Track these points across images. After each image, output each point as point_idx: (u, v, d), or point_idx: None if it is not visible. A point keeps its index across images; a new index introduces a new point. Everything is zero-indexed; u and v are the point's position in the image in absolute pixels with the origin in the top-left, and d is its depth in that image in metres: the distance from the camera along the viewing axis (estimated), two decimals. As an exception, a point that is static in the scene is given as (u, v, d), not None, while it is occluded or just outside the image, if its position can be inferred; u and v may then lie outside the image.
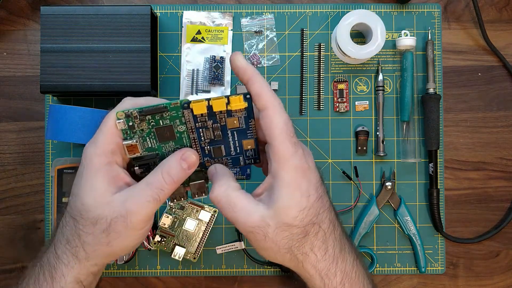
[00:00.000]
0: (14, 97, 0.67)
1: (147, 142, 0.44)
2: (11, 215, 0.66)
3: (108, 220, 0.41)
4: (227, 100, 0.42)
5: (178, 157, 0.43)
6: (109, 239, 0.42)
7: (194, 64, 0.66)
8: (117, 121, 0.43)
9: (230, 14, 0.67)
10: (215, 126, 0.44)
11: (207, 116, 0.43)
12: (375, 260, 0.66)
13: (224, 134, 0.45)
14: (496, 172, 0.67)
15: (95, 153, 0.42)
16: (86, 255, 0.43)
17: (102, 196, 0.41)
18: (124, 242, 0.42)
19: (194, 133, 0.44)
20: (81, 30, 0.61)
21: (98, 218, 0.41)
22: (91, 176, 0.42)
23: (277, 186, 0.41)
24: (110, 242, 0.42)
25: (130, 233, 0.42)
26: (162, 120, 0.43)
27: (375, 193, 0.67)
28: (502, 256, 0.67)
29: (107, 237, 0.42)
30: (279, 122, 0.41)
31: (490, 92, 0.68)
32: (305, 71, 0.67)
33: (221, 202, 0.42)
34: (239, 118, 0.44)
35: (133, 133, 0.44)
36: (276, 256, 0.43)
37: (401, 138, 0.67)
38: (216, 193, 0.42)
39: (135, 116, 0.43)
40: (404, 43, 0.65)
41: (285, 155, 0.41)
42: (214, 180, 0.44)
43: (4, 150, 0.67)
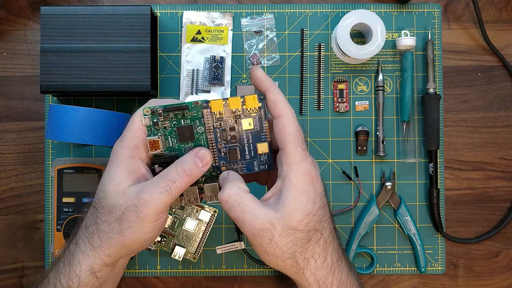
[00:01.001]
0: (14, 97, 0.67)
1: (169, 140, 0.47)
2: (11, 215, 0.66)
3: (122, 209, 0.43)
4: (243, 99, 0.45)
5: (192, 154, 0.45)
6: (122, 228, 0.43)
7: (194, 64, 0.66)
8: (143, 117, 0.46)
9: (230, 14, 0.67)
10: (232, 127, 0.47)
11: (224, 115, 0.46)
12: (375, 260, 0.66)
13: (239, 135, 0.47)
14: (496, 172, 0.67)
15: (120, 146, 0.45)
16: (100, 243, 0.44)
17: (119, 186, 0.44)
18: (136, 232, 0.43)
19: (212, 133, 0.47)
20: (81, 30, 0.61)
21: (113, 206, 0.43)
22: (113, 167, 0.45)
23: (285, 189, 0.43)
24: (122, 232, 0.43)
25: (142, 223, 0.43)
26: (184, 120, 0.46)
27: (375, 193, 0.67)
28: (502, 256, 0.67)
29: (120, 226, 0.43)
30: (292, 129, 0.44)
31: (490, 92, 0.68)
32: (305, 71, 0.67)
33: (231, 201, 0.43)
34: (253, 119, 0.46)
35: (157, 130, 0.46)
36: (278, 262, 0.44)
37: (401, 138, 0.67)
38: (226, 193, 0.44)
39: (160, 113, 0.46)
40: (404, 43, 0.65)
41: (296, 160, 0.43)
42: (224, 183, 0.45)
43: (4, 150, 0.67)
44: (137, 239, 0.44)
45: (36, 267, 0.66)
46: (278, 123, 0.45)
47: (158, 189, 0.43)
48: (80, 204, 0.62)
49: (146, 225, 0.43)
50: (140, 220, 0.43)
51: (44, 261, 0.66)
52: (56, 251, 0.62)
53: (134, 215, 0.43)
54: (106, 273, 0.45)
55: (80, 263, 0.44)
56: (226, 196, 0.44)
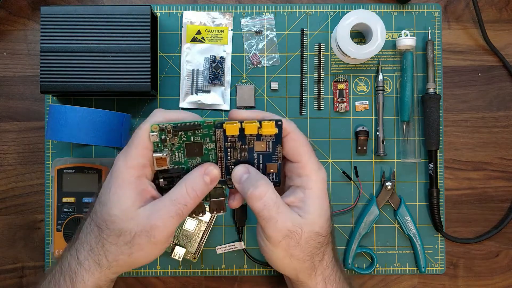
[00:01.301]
0: (14, 97, 0.67)
1: (176, 156, 0.45)
2: (11, 215, 0.66)
3: (132, 233, 0.42)
4: (259, 125, 0.44)
5: (201, 172, 0.45)
6: (132, 251, 0.43)
7: (194, 64, 0.66)
8: (151, 133, 0.44)
9: (230, 14, 0.67)
10: (243, 147, 0.46)
11: (238, 137, 0.45)
12: (375, 260, 0.66)
13: (250, 156, 0.46)
14: (496, 172, 0.67)
15: (125, 166, 0.43)
16: (108, 264, 0.44)
17: (129, 210, 0.42)
18: (146, 254, 0.43)
19: (222, 151, 0.45)
20: (81, 30, 0.61)
21: (123, 231, 0.42)
22: (120, 188, 0.43)
23: (308, 197, 0.45)
24: (133, 254, 0.43)
25: (153, 247, 0.43)
26: (194, 137, 0.45)
27: (375, 193, 0.67)
28: (502, 256, 0.67)
29: (130, 249, 0.43)
30: (305, 141, 0.46)
31: (490, 92, 0.68)
32: (305, 71, 0.67)
33: (267, 200, 0.44)
34: (267, 143, 0.46)
35: (164, 146, 0.45)
36: (295, 266, 0.46)
37: (401, 138, 0.67)
38: (262, 190, 0.44)
39: (169, 130, 0.44)
40: (404, 43, 0.65)
41: (314, 169, 0.46)
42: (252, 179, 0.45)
43: (4, 150, 0.67)
44: (147, 259, 0.44)
45: (36, 267, 0.66)
46: (289, 139, 0.46)
47: (170, 213, 0.42)
48: (80, 204, 0.62)
49: (157, 247, 0.43)
50: (151, 244, 0.42)
51: (44, 261, 0.66)
52: (56, 251, 0.62)
53: (145, 240, 0.42)
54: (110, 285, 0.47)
55: (85, 281, 0.44)
56: (262, 194, 0.44)
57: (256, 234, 0.54)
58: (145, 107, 0.67)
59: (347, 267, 0.65)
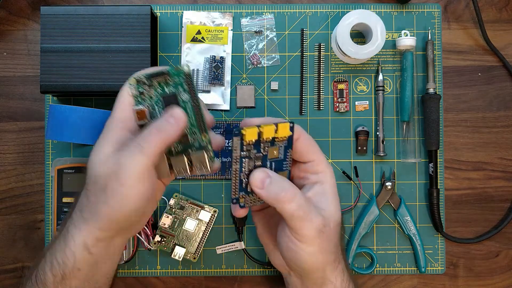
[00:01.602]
0: (14, 97, 0.67)
1: (156, 110, 0.46)
2: (11, 215, 0.66)
3: (105, 177, 0.42)
4: (276, 127, 0.44)
5: (165, 113, 0.45)
6: (106, 197, 0.42)
7: (194, 64, 0.66)
8: (129, 86, 0.45)
9: (230, 14, 0.67)
10: (258, 155, 0.45)
11: (253, 144, 0.45)
12: (375, 260, 0.66)
13: (263, 165, 0.46)
14: (496, 172, 0.67)
15: (109, 120, 0.45)
16: (90, 215, 0.43)
17: (105, 156, 0.43)
18: (119, 201, 0.42)
19: (237, 163, 0.45)
20: (81, 30, 0.61)
21: (98, 176, 0.43)
22: (101, 139, 0.44)
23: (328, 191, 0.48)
24: (107, 201, 0.42)
25: (123, 190, 0.41)
26: (167, 87, 0.45)
27: (375, 193, 0.67)
28: (502, 256, 0.67)
29: (104, 195, 0.42)
30: (313, 141, 0.48)
31: (490, 92, 0.68)
32: (305, 71, 0.67)
33: (300, 200, 0.45)
34: (279, 148, 0.46)
35: (143, 100, 0.46)
36: (327, 259, 0.47)
37: (401, 138, 0.67)
38: (294, 191, 0.45)
39: (144, 82, 0.45)
40: (404, 43, 0.65)
41: (326, 164, 0.49)
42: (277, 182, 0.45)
43: (4, 150, 0.67)
44: (122, 209, 0.42)
45: (36, 267, 0.66)
46: (301, 141, 0.47)
47: (133, 153, 0.42)
48: (80, 204, 0.62)
49: (129, 192, 0.41)
50: (120, 186, 0.41)
51: (44, 261, 0.66)
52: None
53: (115, 182, 0.41)
54: (100, 250, 0.45)
55: (74, 238, 0.44)
56: (293, 195, 0.44)
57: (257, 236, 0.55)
58: (145, 107, 0.67)
59: (347, 267, 0.65)
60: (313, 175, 0.48)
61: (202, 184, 0.66)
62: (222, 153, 0.66)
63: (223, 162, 0.66)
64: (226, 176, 0.66)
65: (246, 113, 0.67)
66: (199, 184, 0.66)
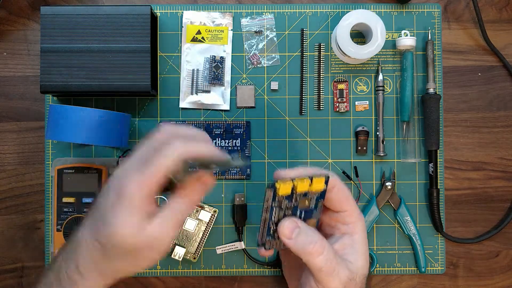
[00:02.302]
0: (14, 97, 0.67)
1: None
2: (11, 215, 0.66)
3: (138, 249, 0.42)
4: (310, 182, 0.44)
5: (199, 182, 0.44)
6: (137, 262, 0.43)
7: (194, 64, 0.66)
8: (173, 165, 0.41)
9: (230, 14, 0.67)
10: (289, 205, 0.45)
11: (285, 197, 0.44)
12: (375, 260, 0.66)
13: (293, 213, 0.46)
14: (496, 172, 0.67)
15: (140, 193, 0.41)
16: (112, 274, 0.44)
17: (135, 229, 0.41)
18: (150, 262, 0.43)
19: (268, 212, 0.45)
20: (81, 30, 0.61)
21: (129, 249, 0.41)
22: (130, 211, 0.41)
23: (357, 243, 0.47)
24: (138, 264, 0.43)
25: (158, 256, 0.43)
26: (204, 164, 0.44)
27: (375, 193, 0.67)
28: (502, 256, 0.67)
29: (135, 261, 0.43)
30: (348, 191, 0.48)
31: (490, 92, 0.68)
32: (305, 71, 0.67)
33: (329, 253, 0.45)
34: (311, 199, 0.46)
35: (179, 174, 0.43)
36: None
37: (401, 138, 0.67)
38: (322, 244, 0.45)
39: (192, 168, 0.43)
40: (404, 43, 0.65)
41: (358, 215, 0.48)
42: (306, 234, 0.45)
43: (4, 150, 0.67)
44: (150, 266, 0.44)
45: (36, 267, 0.66)
46: (336, 192, 0.47)
47: (172, 226, 0.43)
48: (80, 204, 0.62)
49: (162, 256, 0.43)
50: (157, 254, 0.43)
51: (44, 261, 0.66)
52: (56, 251, 0.62)
53: (151, 252, 0.42)
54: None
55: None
56: (322, 248, 0.44)
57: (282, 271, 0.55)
58: (145, 107, 0.67)
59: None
60: (343, 226, 0.48)
61: (202, 184, 0.66)
62: (222, 153, 0.66)
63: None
64: (226, 176, 0.66)
65: (246, 113, 0.67)
66: (199, 184, 0.66)
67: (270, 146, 0.67)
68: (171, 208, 0.43)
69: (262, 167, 0.66)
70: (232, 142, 0.66)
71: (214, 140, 0.66)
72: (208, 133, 0.66)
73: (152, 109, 0.67)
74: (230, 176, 0.66)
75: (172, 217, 0.43)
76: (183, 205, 0.44)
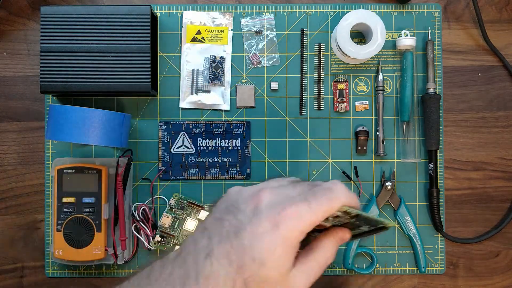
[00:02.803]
0: (14, 97, 0.67)
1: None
2: (11, 215, 0.66)
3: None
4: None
5: (336, 239, 0.42)
6: None
7: (194, 64, 0.66)
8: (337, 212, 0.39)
9: (230, 14, 0.67)
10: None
11: None
12: (375, 260, 0.66)
13: None
14: (496, 172, 0.67)
15: (300, 231, 0.37)
16: None
17: (285, 273, 0.38)
18: None
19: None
20: (81, 30, 0.61)
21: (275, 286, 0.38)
22: (286, 253, 0.37)
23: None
24: None
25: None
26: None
27: (375, 193, 0.67)
28: (502, 256, 0.67)
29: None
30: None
31: (490, 92, 0.68)
32: (305, 71, 0.67)
33: None
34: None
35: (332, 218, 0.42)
36: None
37: (401, 138, 0.67)
38: None
39: (350, 216, 0.40)
40: (404, 43, 0.65)
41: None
42: None
43: (4, 150, 0.67)
44: None
45: (36, 267, 0.66)
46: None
47: (315, 276, 0.40)
48: (80, 204, 0.62)
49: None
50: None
51: (44, 261, 0.66)
52: (56, 251, 0.62)
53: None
54: None
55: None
56: None
57: None
58: (145, 107, 0.67)
59: (347, 267, 0.65)
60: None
61: (202, 184, 0.66)
62: (222, 153, 0.66)
63: (223, 162, 0.66)
64: (226, 176, 0.66)
65: (246, 113, 0.67)
66: (199, 184, 0.66)
67: (270, 146, 0.67)
68: (317, 260, 0.40)
69: (262, 167, 0.66)
70: (232, 142, 0.66)
71: (214, 140, 0.66)
72: (208, 133, 0.66)
73: (152, 109, 0.67)
74: (230, 176, 0.66)
75: (316, 271, 0.39)
76: (326, 259, 0.40)
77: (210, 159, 0.66)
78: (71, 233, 0.62)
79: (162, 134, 0.66)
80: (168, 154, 0.66)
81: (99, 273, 0.66)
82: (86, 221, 0.62)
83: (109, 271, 0.66)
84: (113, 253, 0.63)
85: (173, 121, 0.66)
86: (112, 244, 0.63)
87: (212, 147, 0.66)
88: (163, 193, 0.66)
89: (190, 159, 0.66)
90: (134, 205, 0.65)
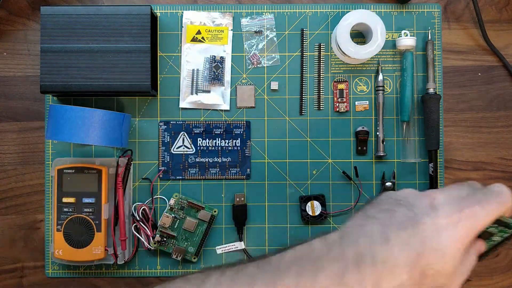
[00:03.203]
0: (14, 97, 0.67)
1: None
2: (11, 215, 0.66)
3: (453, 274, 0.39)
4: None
5: None
6: None
7: (194, 64, 0.66)
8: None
9: (230, 14, 0.67)
10: None
11: None
12: (375, 260, 0.65)
13: None
14: (496, 172, 0.67)
15: (476, 230, 0.39)
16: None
17: (456, 269, 0.39)
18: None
19: None
20: (81, 30, 0.61)
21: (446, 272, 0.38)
22: (461, 250, 0.38)
23: None
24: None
25: None
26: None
27: (375, 193, 0.66)
28: (502, 256, 0.67)
29: None
30: None
31: (490, 92, 0.68)
32: (305, 71, 0.67)
33: None
34: None
35: None
36: None
37: (401, 138, 0.67)
38: None
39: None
40: (404, 43, 0.65)
41: None
42: None
43: (4, 150, 0.67)
44: None
45: (36, 267, 0.66)
46: None
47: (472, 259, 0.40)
48: (80, 204, 0.62)
49: None
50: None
51: (44, 261, 0.66)
52: (56, 251, 0.62)
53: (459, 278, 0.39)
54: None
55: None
56: None
57: None
58: (145, 107, 0.67)
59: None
60: None
61: (202, 184, 0.66)
62: (222, 153, 0.66)
63: (223, 162, 0.66)
64: (226, 176, 0.66)
65: (246, 113, 0.67)
66: (199, 184, 0.66)
67: (270, 146, 0.67)
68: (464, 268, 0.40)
69: (262, 167, 0.66)
70: (232, 142, 0.66)
71: (214, 140, 0.66)
72: (208, 133, 0.66)
73: (152, 109, 0.67)
74: (230, 176, 0.66)
75: (464, 277, 0.40)
76: (469, 269, 0.40)
77: (210, 159, 0.66)
78: (71, 233, 0.62)
79: (162, 134, 0.66)
80: (168, 154, 0.66)
81: (99, 273, 0.66)
82: (86, 221, 0.62)
83: (109, 271, 0.66)
84: (113, 253, 0.63)
85: (173, 121, 0.66)
86: (112, 244, 0.63)
87: (212, 147, 0.66)
88: (163, 193, 0.66)
89: (190, 159, 0.66)
90: (134, 205, 0.65)
